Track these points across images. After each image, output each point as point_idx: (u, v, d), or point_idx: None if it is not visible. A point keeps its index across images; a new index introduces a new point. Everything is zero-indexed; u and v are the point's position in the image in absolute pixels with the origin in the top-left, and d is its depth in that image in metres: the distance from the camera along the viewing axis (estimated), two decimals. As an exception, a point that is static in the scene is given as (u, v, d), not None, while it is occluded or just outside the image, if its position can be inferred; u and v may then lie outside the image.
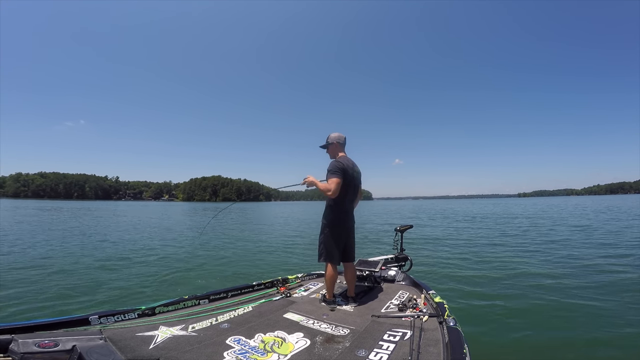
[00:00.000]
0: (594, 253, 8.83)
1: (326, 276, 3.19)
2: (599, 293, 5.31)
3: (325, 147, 3.46)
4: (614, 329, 3.98)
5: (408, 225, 4.59)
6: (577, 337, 3.84)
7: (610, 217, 21.61)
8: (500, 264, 7.67)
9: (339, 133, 3.45)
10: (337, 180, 3.06)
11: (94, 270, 7.13)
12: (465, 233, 14.57)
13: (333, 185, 3.04)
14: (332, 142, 3.38)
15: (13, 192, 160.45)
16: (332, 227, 3.22)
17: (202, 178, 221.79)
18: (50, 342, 1.92)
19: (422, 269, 7.15)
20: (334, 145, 3.38)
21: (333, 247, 3.20)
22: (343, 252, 3.31)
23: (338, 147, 3.39)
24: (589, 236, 12.28)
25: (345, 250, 3.32)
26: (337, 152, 3.38)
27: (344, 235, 3.28)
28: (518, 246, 10.41)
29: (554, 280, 6.12)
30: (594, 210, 30.73)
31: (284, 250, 10.46)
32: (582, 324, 4.19)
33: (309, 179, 3.19)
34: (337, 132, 3.44)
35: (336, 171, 3.10)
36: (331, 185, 3.05)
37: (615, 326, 4.06)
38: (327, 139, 3.42)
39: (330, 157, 3.44)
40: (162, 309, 2.88)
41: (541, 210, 34.49)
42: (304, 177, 3.23)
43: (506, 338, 3.83)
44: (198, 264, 8.19)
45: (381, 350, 2.21)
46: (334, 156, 3.40)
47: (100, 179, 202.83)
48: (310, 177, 3.20)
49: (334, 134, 3.42)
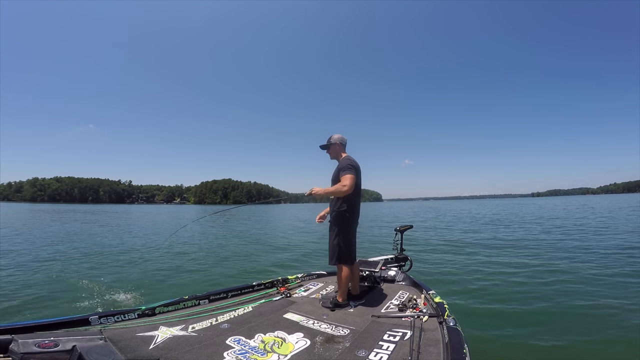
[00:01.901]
0: (600, 252, 8.69)
1: (343, 278, 3.16)
2: (603, 292, 5.23)
3: (326, 147, 3.45)
4: (619, 331, 3.91)
5: (408, 225, 4.57)
6: (577, 337, 3.78)
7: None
8: (501, 264, 7.59)
9: (340, 134, 3.45)
10: (352, 176, 3.07)
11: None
12: (466, 232, 14.46)
13: (348, 180, 3.04)
14: (335, 143, 3.39)
15: (30, 197, 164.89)
16: (349, 228, 3.22)
17: (212, 181, 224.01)
18: (50, 342, 1.94)
19: (422, 269, 7.12)
20: (336, 145, 3.39)
21: (351, 248, 3.22)
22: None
23: (341, 148, 3.41)
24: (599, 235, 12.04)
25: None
26: (340, 153, 3.40)
27: (355, 234, 3.31)
28: (518, 246, 10.31)
29: (555, 280, 6.03)
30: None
31: (285, 250, 10.53)
32: (583, 323, 4.12)
33: (314, 191, 3.11)
34: (338, 134, 3.45)
35: (350, 168, 3.12)
36: (346, 181, 3.05)
37: (622, 329, 3.98)
38: (330, 140, 3.42)
39: (331, 157, 3.45)
40: (162, 309, 2.91)
41: (552, 209, 33.81)
42: (310, 188, 3.15)
43: (506, 338, 3.80)
44: (199, 264, 8.30)
45: (381, 350, 2.20)
46: (335, 156, 3.42)
47: (114, 183, 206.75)
48: (315, 188, 3.14)
49: (336, 135, 3.44)
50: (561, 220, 19.11)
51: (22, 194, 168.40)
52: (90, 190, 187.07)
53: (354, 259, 3.25)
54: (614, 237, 11.31)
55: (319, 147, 3.50)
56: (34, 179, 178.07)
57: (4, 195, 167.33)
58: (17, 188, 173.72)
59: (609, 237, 11.37)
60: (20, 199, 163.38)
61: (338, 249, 3.17)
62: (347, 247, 3.18)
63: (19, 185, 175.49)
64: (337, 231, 3.20)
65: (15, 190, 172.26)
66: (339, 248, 3.16)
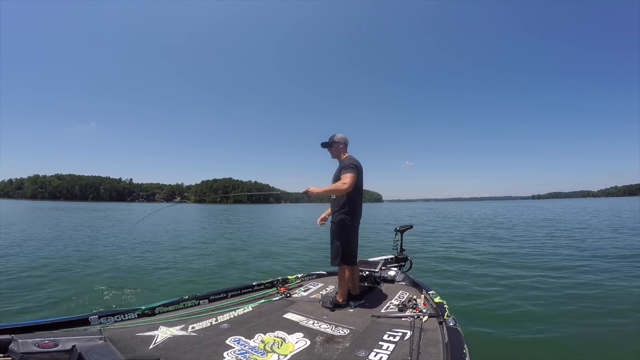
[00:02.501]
0: (600, 253, 8.69)
1: (345, 279, 3.16)
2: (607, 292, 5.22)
3: (327, 145, 3.41)
4: (619, 329, 3.91)
5: (408, 226, 4.57)
6: (578, 337, 3.78)
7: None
8: (501, 264, 7.59)
9: (343, 134, 3.44)
10: (353, 175, 3.05)
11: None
12: (466, 233, 14.45)
13: (348, 179, 3.02)
14: (338, 142, 3.37)
15: (31, 194, 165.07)
16: (353, 227, 3.22)
17: (213, 180, 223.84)
18: (50, 342, 1.94)
19: (422, 269, 7.10)
20: (339, 144, 3.37)
21: (354, 248, 3.22)
22: None
23: (344, 148, 3.40)
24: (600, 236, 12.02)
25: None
26: (342, 152, 3.38)
27: (357, 235, 3.30)
28: (517, 246, 10.32)
29: (554, 280, 6.03)
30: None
31: (286, 250, 10.54)
32: (584, 323, 4.12)
33: (310, 190, 2.97)
34: (341, 133, 3.43)
35: (352, 167, 3.11)
36: (346, 179, 3.03)
37: (619, 325, 3.98)
38: (333, 138, 3.39)
39: (333, 156, 3.43)
40: (162, 309, 2.90)
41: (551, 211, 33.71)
42: (306, 188, 3.01)
43: (506, 338, 3.79)
44: (200, 264, 8.29)
45: (381, 350, 2.20)
46: (337, 156, 3.40)
47: (115, 181, 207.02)
48: (311, 187, 2.99)
49: (339, 134, 3.42)
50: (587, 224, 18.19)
51: (22, 191, 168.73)
52: (91, 188, 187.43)
53: (355, 259, 3.25)
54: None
55: (320, 145, 3.44)
56: (34, 176, 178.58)
57: (4, 192, 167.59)
58: (18, 185, 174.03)
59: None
60: (20, 196, 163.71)
61: (341, 250, 3.15)
62: (349, 248, 3.18)
63: (19, 182, 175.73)
64: (340, 232, 3.18)
65: (16, 187, 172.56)
66: (342, 249, 3.15)
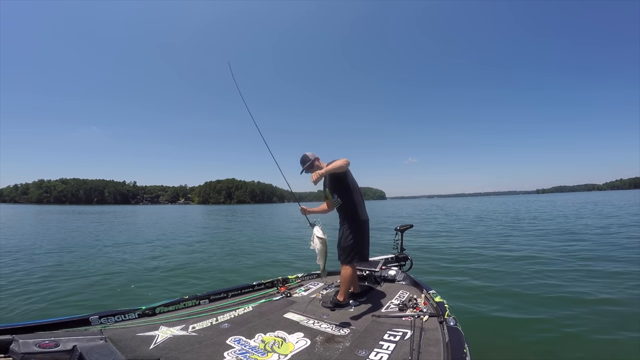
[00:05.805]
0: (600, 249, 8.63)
1: (349, 277, 3.12)
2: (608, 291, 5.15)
3: (309, 168, 3.25)
4: (620, 331, 3.84)
5: (408, 225, 4.54)
6: (578, 337, 3.73)
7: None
8: (501, 264, 7.51)
9: (308, 152, 3.36)
10: (344, 159, 3.00)
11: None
12: (466, 233, 14.34)
13: (343, 160, 2.97)
14: (313, 160, 3.29)
15: (36, 199, 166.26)
16: (362, 226, 3.21)
17: (216, 181, 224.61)
18: (50, 342, 1.95)
19: (422, 268, 7.04)
20: (316, 160, 3.31)
21: (364, 246, 3.21)
22: None
23: (319, 161, 3.33)
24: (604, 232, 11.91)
25: None
26: (320, 165, 3.31)
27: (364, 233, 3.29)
28: (522, 242, 10.26)
29: (555, 279, 5.96)
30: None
31: (285, 250, 10.53)
32: (585, 323, 4.06)
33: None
34: (305, 152, 3.34)
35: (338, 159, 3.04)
36: (341, 160, 2.97)
37: (621, 328, 3.92)
38: (306, 159, 3.28)
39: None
40: (162, 309, 2.91)
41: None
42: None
43: (507, 338, 3.76)
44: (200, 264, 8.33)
45: (381, 350, 2.20)
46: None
47: (119, 184, 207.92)
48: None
49: (307, 153, 3.32)
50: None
51: (28, 196, 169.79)
52: (95, 192, 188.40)
53: (367, 258, 3.28)
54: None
55: (301, 173, 3.30)
56: (39, 181, 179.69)
57: (10, 197, 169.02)
58: (24, 190, 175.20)
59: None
60: (26, 200, 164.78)
61: (350, 247, 3.13)
62: (360, 245, 3.16)
63: (25, 187, 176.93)
64: (350, 228, 3.16)
65: (22, 192, 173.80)
66: (350, 246, 3.13)
